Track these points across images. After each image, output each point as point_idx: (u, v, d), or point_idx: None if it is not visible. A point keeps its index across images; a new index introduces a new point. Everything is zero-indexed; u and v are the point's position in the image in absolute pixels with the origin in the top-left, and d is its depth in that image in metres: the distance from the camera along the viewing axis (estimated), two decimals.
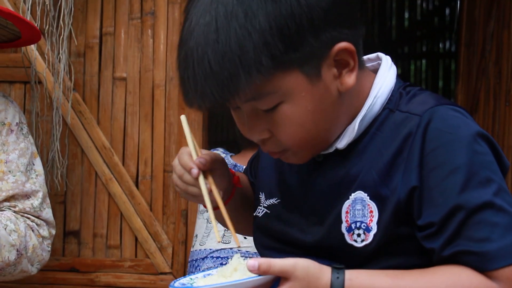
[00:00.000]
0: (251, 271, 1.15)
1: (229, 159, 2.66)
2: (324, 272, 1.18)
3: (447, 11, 8.00)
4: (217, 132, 7.59)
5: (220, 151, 2.75)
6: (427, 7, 8.15)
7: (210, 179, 1.38)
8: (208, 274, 1.31)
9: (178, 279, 1.28)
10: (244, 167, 2.62)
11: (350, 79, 1.24)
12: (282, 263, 1.16)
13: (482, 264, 1.16)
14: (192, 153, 1.39)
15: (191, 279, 1.29)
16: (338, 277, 1.18)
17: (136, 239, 2.90)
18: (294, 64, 1.18)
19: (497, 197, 1.18)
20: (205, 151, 1.42)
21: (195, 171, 1.36)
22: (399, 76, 1.38)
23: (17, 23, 2.13)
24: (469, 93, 3.61)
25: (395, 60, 1.44)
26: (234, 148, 3.09)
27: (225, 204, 1.40)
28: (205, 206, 1.41)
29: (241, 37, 1.13)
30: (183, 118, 1.42)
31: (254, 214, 1.50)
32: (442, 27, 8.01)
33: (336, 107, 1.26)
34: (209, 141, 3.07)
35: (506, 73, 3.42)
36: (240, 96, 1.17)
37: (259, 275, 1.16)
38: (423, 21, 8.22)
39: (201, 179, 1.37)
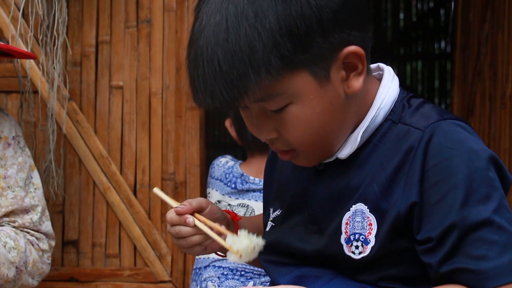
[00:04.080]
0: None
1: (238, 168, 2.65)
2: None
3: (442, 12, 8.03)
4: (214, 136, 7.60)
5: (228, 158, 2.73)
6: (422, 8, 8.18)
7: (203, 218, 1.39)
8: None
9: None
10: (250, 176, 2.61)
11: (357, 82, 1.24)
12: None
13: (478, 283, 1.15)
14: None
15: None
16: None
17: (135, 248, 2.89)
18: (303, 65, 1.18)
19: (497, 214, 1.17)
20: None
21: (190, 220, 1.38)
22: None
23: (15, 54, 2.14)
24: (465, 96, 3.61)
25: (390, 62, 1.44)
26: (233, 152, 3.08)
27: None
28: (211, 252, 1.42)
29: (250, 37, 1.14)
30: (156, 190, 1.43)
31: (265, 231, 1.50)
32: (437, 28, 8.04)
33: (344, 110, 1.26)
34: (206, 145, 3.07)
35: (501, 76, 3.43)
36: (249, 96, 1.17)
37: None
38: (418, 22, 8.25)
39: (198, 223, 1.37)
